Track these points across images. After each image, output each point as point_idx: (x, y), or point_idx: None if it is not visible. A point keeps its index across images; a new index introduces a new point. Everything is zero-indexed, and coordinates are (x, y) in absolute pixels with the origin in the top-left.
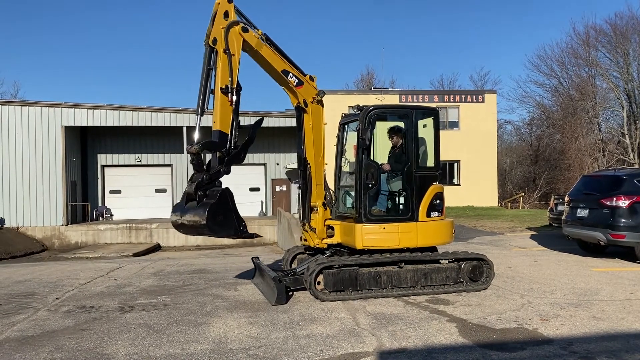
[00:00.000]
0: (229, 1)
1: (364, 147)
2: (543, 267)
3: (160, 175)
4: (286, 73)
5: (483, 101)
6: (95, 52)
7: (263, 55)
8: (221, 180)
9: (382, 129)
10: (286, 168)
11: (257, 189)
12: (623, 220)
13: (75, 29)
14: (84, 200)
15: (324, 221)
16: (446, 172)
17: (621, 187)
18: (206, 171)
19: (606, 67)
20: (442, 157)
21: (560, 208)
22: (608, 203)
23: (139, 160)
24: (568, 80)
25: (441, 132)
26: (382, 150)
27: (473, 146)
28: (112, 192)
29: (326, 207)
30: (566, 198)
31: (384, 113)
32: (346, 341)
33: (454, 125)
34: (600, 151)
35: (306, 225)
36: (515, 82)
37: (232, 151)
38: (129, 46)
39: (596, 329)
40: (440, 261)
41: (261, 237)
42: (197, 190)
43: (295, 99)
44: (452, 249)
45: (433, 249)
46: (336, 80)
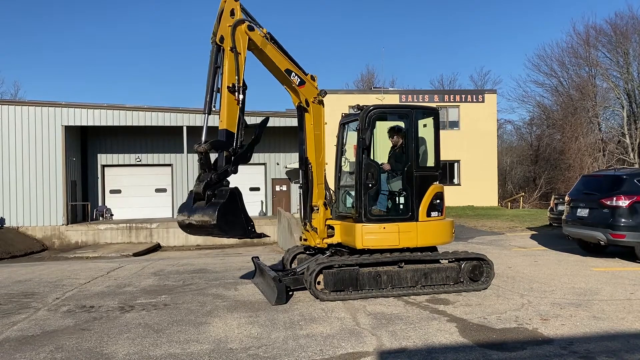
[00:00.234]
0: None
1: (364, 147)
2: (543, 267)
3: (160, 175)
4: (289, 72)
5: (483, 101)
6: (95, 52)
7: (268, 54)
8: (229, 179)
9: (382, 129)
10: (286, 168)
11: (257, 189)
12: (623, 220)
13: (75, 29)
14: (84, 200)
15: (325, 221)
16: (446, 172)
17: (621, 187)
18: (214, 170)
19: (606, 67)
20: (442, 157)
21: (560, 208)
22: (608, 203)
23: (139, 160)
24: (568, 80)
25: (441, 132)
26: (382, 150)
27: (473, 146)
28: (112, 192)
29: (327, 207)
30: (566, 198)
31: (384, 113)
32: (346, 341)
33: (454, 125)
34: (600, 151)
35: (307, 225)
36: (515, 82)
37: (239, 151)
38: (129, 46)
39: (596, 329)
40: (440, 261)
41: (268, 237)
42: (206, 189)
43: (296, 99)
44: (452, 249)
45: (433, 249)
46: (336, 80)
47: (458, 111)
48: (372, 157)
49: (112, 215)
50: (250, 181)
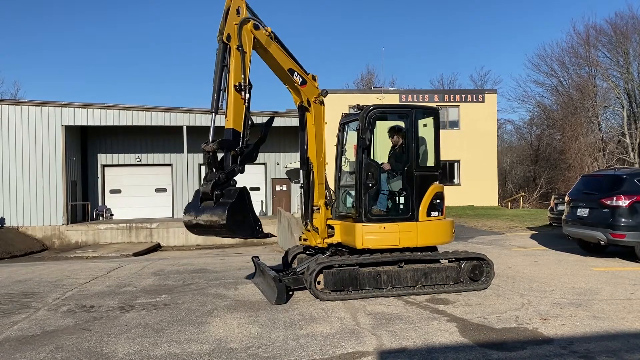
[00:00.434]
0: None
1: (364, 147)
2: (543, 267)
3: (160, 174)
4: (292, 72)
5: (483, 101)
6: (95, 52)
7: (272, 53)
8: (235, 179)
9: (383, 129)
10: (286, 167)
11: (257, 189)
12: (623, 219)
13: (74, 29)
14: (84, 199)
15: (326, 221)
16: (446, 172)
17: (621, 187)
18: (221, 170)
19: (606, 67)
20: (443, 157)
21: (560, 207)
22: (608, 203)
23: (139, 159)
24: (568, 79)
25: (441, 132)
26: (383, 149)
27: (473, 146)
28: (112, 192)
29: (328, 207)
30: (566, 198)
31: (384, 112)
32: (346, 341)
33: (454, 124)
34: (600, 151)
35: (309, 224)
36: (515, 82)
37: (245, 150)
38: (129, 45)
39: (596, 329)
40: (440, 261)
41: (275, 237)
42: (214, 189)
43: (298, 98)
44: (452, 249)
45: (433, 249)
46: (336, 79)
47: (458, 111)
48: (372, 157)
49: (112, 215)
50: (250, 181)
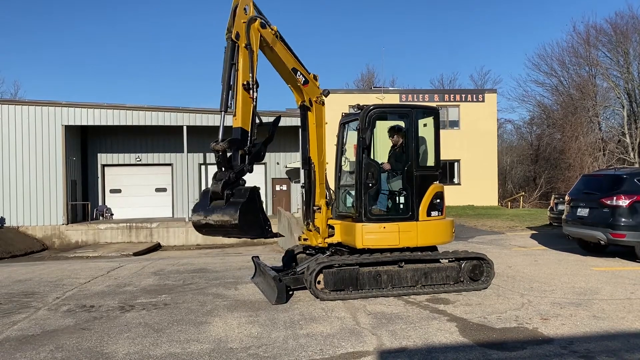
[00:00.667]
0: None
1: (364, 147)
2: (543, 267)
3: (160, 174)
4: (295, 71)
5: (483, 100)
6: (95, 52)
7: (277, 52)
8: (244, 178)
9: (383, 128)
10: (286, 167)
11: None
12: (623, 219)
13: (75, 28)
14: (84, 199)
15: (327, 220)
16: (446, 172)
17: (621, 187)
18: (231, 169)
19: (606, 67)
20: (443, 157)
21: (560, 207)
22: (608, 202)
23: (139, 159)
24: (568, 79)
25: (441, 132)
26: (383, 149)
27: (473, 145)
28: (113, 192)
29: (328, 207)
30: (566, 197)
31: (384, 112)
32: (346, 340)
33: (454, 124)
34: (600, 150)
35: (310, 224)
36: (515, 82)
37: (252, 149)
38: (129, 45)
39: (596, 328)
40: (440, 260)
41: (283, 236)
42: (225, 188)
43: (299, 98)
44: (452, 248)
45: (433, 248)
46: (336, 79)
47: (458, 111)
48: (372, 157)
49: (112, 214)
50: (250, 181)
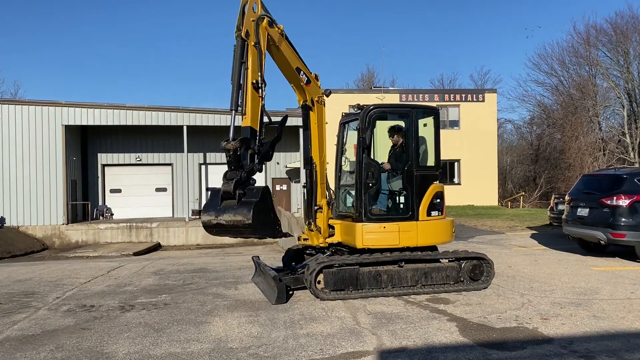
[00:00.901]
0: None
1: (365, 146)
2: (543, 266)
3: (160, 174)
4: (299, 70)
5: (483, 100)
6: (95, 51)
7: (283, 51)
8: (254, 178)
9: (383, 128)
10: (286, 167)
11: None
12: (623, 219)
13: (75, 28)
14: (85, 199)
15: (328, 220)
16: (446, 171)
17: (621, 186)
18: (241, 169)
19: (607, 66)
20: (443, 156)
21: (560, 207)
22: (608, 202)
23: (139, 159)
24: (568, 79)
25: (441, 131)
26: (383, 149)
27: (473, 145)
28: (113, 191)
29: (329, 207)
30: (566, 197)
31: (385, 112)
32: (346, 340)
33: (455, 124)
34: (600, 150)
35: (312, 224)
36: (515, 81)
37: (261, 149)
38: (129, 45)
39: (596, 328)
40: (440, 260)
41: (292, 236)
42: (236, 188)
43: (302, 98)
44: (453, 248)
45: (433, 248)
46: (336, 79)
47: (458, 110)
48: (373, 157)
49: (113, 214)
50: None
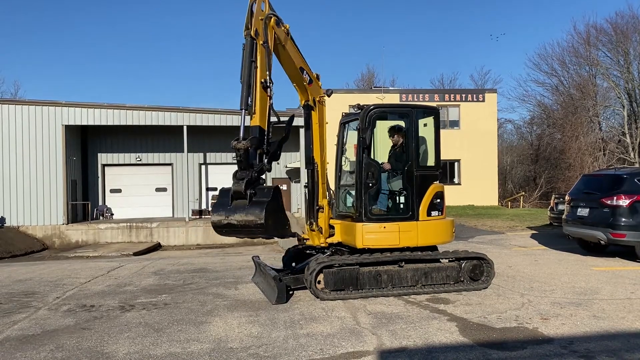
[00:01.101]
0: None
1: (365, 146)
2: (543, 266)
3: (160, 174)
4: (302, 70)
5: (483, 100)
6: (95, 51)
7: (288, 50)
8: (263, 177)
9: (383, 128)
10: (286, 167)
11: None
12: (623, 219)
13: (75, 27)
14: (85, 199)
15: (328, 220)
16: (446, 171)
17: (622, 186)
18: (251, 168)
19: (607, 66)
20: (443, 156)
21: (560, 207)
22: (608, 202)
23: (140, 159)
24: (569, 79)
25: (442, 131)
26: (383, 149)
27: (473, 145)
28: (113, 191)
29: (330, 207)
30: (567, 197)
31: (385, 112)
32: (346, 340)
33: (455, 124)
34: (600, 150)
35: (313, 224)
36: (515, 81)
37: (269, 148)
38: (129, 45)
39: (596, 328)
40: (440, 260)
41: (300, 236)
42: (247, 188)
43: (304, 97)
44: (453, 248)
45: (433, 248)
46: (336, 79)
47: (458, 110)
48: (373, 157)
49: (113, 214)
50: None
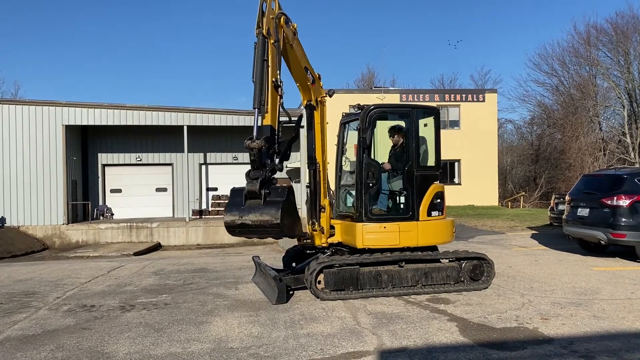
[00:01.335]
0: None
1: (365, 146)
2: (543, 267)
3: (160, 174)
4: (306, 70)
5: (484, 100)
6: (95, 51)
7: (295, 49)
8: (275, 177)
9: (383, 128)
10: (286, 167)
11: None
12: (624, 219)
13: (75, 27)
14: (85, 199)
15: (330, 220)
16: (447, 171)
17: (622, 187)
18: (264, 167)
19: (607, 66)
20: (443, 156)
21: (560, 207)
22: (609, 202)
23: (140, 159)
24: (569, 79)
25: (442, 131)
26: (383, 149)
27: (474, 145)
28: (113, 191)
29: (330, 207)
30: (567, 197)
31: (385, 112)
32: (347, 340)
33: (455, 124)
34: (601, 150)
35: (315, 224)
36: (516, 81)
37: (280, 148)
38: (130, 45)
39: (597, 328)
40: (440, 260)
41: (309, 237)
42: (262, 187)
43: (306, 97)
44: (453, 248)
45: (434, 248)
46: (337, 79)
47: (458, 110)
48: (373, 157)
49: (113, 214)
50: None
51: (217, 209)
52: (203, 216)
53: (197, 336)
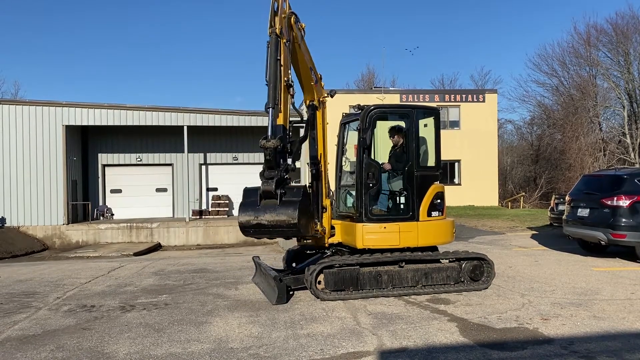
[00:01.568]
0: None
1: (365, 147)
2: (544, 267)
3: (160, 174)
4: (310, 70)
5: (484, 100)
6: (95, 51)
7: (302, 49)
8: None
9: (383, 129)
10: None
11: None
12: (624, 219)
13: (75, 28)
14: (85, 199)
15: (330, 220)
16: (447, 172)
17: (622, 187)
18: (277, 167)
19: (607, 67)
20: (443, 157)
21: (561, 207)
22: (609, 203)
23: (140, 159)
24: (569, 79)
25: (442, 132)
26: (383, 149)
27: (474, 145)
28: (113, 192)
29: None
30: (567, 197)
31: (385, 112)
32: (347, 340)
33: (455, 124)
34: (601, 151)
35: (318, 224)
36: (516, 82)
37: (292, 148)
38: (129, 45)
39: (597, 329)
40: (440, 261)
41: (322, 236)
42: (278, 187)
43: (309, 97)
44: (453, 249)
45: (434, 249)
46: (337, 79)
47: (458, 111)
48: (373, 157)
49: (113, 214)
50: (249, 180)
51: (217, 209)
52: (203, 216)
53: (197, 336)
